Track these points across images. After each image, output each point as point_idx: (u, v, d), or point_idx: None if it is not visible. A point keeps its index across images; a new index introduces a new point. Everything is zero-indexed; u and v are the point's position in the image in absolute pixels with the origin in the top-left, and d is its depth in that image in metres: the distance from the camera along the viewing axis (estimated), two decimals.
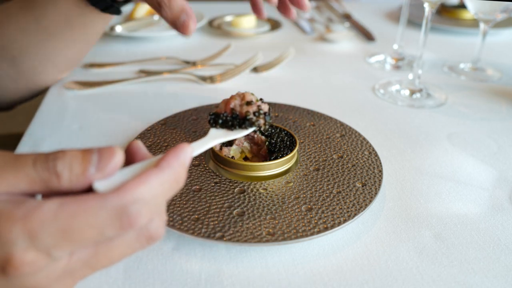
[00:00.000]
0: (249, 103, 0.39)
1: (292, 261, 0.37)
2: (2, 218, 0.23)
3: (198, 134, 0.53)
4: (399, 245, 0.39)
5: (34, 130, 0.56)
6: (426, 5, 0.63)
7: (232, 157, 0.47)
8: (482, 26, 0.75)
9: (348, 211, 0.40)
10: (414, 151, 0.54)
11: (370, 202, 0.41)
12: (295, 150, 0.46)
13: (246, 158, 0.48)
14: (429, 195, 0.46)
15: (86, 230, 0.24)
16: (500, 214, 0.43)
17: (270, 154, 0.46)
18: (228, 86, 0.71)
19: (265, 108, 0.39)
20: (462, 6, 1.08)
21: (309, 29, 1.01)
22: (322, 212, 0.40)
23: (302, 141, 0.52)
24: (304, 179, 0.45)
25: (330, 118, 0.57)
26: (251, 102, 0.39)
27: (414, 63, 0.68)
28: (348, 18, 1.08)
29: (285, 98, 0.66)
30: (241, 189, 0.43)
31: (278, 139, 0.47)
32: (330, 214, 0.39)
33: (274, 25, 1.02)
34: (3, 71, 0.60)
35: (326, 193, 0.43)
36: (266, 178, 0.44)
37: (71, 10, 0.57)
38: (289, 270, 0.36)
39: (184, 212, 0.39)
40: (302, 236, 0.37)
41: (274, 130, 0.48)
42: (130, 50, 0.85)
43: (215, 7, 1.17)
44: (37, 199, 0.24)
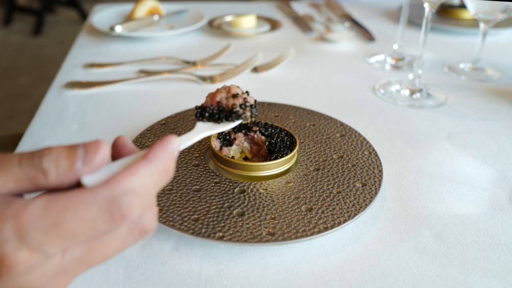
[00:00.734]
0: (235, 96, 0.38)
1: (292, 261, 0.37)
2: None
3: None
4: (399, 245, 0.39)
5: (34, 130, 0.56)
6: (426, 5, 0.63)
7: (232, 157, 0.47)
8: (482, 26, 0.75)
9: (348, 211, 0.40)
10: (414, 151, 0.54)
11: (370, 202, 0.41)
12: (295, 150, 0.46)
13: (246, 158, 0.48)
14: (429, 195, 0.46)
15: (77, 224, 0.23)
16: (500, 214, 0.43)
17: (270, 154, 0.46)
18: None
19: (251, 100, 0.39)
20: (462, 6, 1.08)
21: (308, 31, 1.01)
22: (322, 212, 0.40)
23: (302, 141, 0.52)
24: (304, 179, 0.45)
25: (330, 118, 0.57)
26: (237, 95, 0.38)
27: (414, 63, 0.68)
28: (348, 18, 1.08)
29: (285, 98, 0.66)
30: (241, 189, 0.43)
31: (278, 139, 0.47)
32: (330, 214, 0.39)
33: (274, 25, 1.02)
34: None
35: (326, 193, 0.43)
36: (266, 178, 0.44)
37: None
38: (289, 270, 0.36)
39: (184, 212, 0.39)
40: (302, 236, 0.37)
41: (274, 130, 0.48)
42: (130, 50, 0.85)
43: (215, 7, 1.17)
44: (25, 198, 0.24)
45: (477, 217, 0.43)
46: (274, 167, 0.45)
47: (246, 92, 0.40)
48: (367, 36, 0.96)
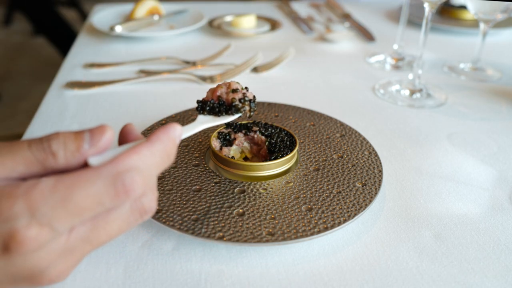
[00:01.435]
0: (235, 91, 0.40)
1: (292, 261, 0.37)
2: (3, 196, 0.24)
3: (197, 133, 0.53)
4: (399, 245, 0.39)
5: (34, 130, 0.56)
6: (426, 5, 0.63)
7: (232, 157, 0.47)
8: (482, 26, 0.75)
9: (348, 211, 0.40)
10: (414, 151, 0.54)
11: (370, 202, 0.41)
12: (295, 150, 0.46)
13: (246, 158, 0.48)
14: (429, 195, 0.46)
15: (84, 199, 0.25)
16: (500, 214, 0.43)
17: (270, 154, 0.46)
18: None
19: (250, 95, 0.40)
20: (462, 6, 1.08)
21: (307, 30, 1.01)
22: (322, 212, 0.40)
23: (302, 141, 0.52)
24: (304, 179, 0.45)
25: (330, 118, 0.57)
26: (237, 90, 0.40)
27: (414, 63, 0.68)
28: (348, 18, 1.08)
29: (285, 98, 0.66)
30: (241, 189, 0.43)
31: (278, 139, 0.47)
32: (330, 214, 0.39)
33: (274, 25, 1.02)
34: None
35: (326, 193, 0.43)
36: (266, 178, 0.44)
37: None
38: (289, 270, 0.36)
39: (184, 212, 0.39)
40: (302, 236, 0.37)
41: (274, 130, 0.48)
42: (130, 50, 0.85)
43: (215, 7, 1.17)
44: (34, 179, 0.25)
45: (477, 217, 0.43)
46: (274, 167, 0.45)
47: (246, 88, 0.41)
48: (367, 36, 0.96)
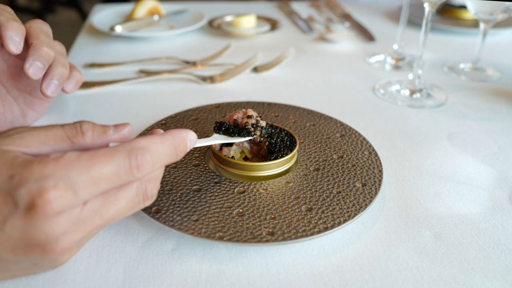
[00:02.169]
0: (249, 117, 0.45)
1: (292, 261, 0.37)
2: (36, 161, 0.28)
3: (198, 134, 0.53)
4: (399, 245, 0.39)
5: None
6: (426, 5, 0.63)
7: (232, 157, 0.47)
8: (482, 26, 0.75)
9: (348, 211, 0.40)
10: (414, 151, 0.54)
11: (370, 202, 0.41)
12: (295, 150, 0.46)
13: (246, 158, 0.48)
14: (429, 195, 0.46)
15: (104, 167, 0.29)
16: (500, 214, 0.43)
17: (270, 154, 0.46)
18: (228, 86, 0.71)
19: (262, 123, 0.46)
20: (462, 6, 1.08)
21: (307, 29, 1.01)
22: (322, 212, 0.40)
23: (302, 141, 0.52)
24: (304, 179, 0.45)
25: (330, 118, 0.57)
26: (251, 116, 0.45)
27: (414, 63, 0.68)
28: (348, 18, 1.08)
29: (285, 98, 0.66)
30: (241, 189, 0.43)
31: (278, 139, 0.47)
32: (330, 214, 0.39)
33: (274, 25, 1.02)
34: None
35: (326, 193, 0.43)
36: (266, 178, 0.44)
37: None
38: (289, 270, 0.36)
39: (184, 212, 0.39)
40: (302, 236, 0.37)
41: (274, 130, 0.48)
42: (130, 50, 0.85)
43: (215, 7, 1.17)
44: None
45: (477, 217, 0.43)
46: (274, 167, 0.45)
47: (260, 116, 0.47)
48: (367, 36, 0.96)
